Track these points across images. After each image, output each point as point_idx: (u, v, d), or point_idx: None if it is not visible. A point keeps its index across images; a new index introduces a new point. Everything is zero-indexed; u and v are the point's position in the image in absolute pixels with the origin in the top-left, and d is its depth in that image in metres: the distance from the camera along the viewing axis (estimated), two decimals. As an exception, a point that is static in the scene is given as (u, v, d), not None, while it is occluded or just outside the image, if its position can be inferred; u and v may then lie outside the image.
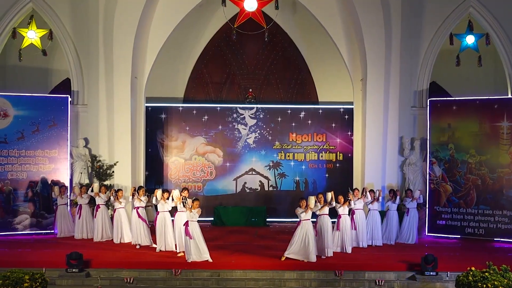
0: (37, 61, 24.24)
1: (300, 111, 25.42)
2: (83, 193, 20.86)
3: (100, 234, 20.40)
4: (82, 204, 20.83)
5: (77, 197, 20.98)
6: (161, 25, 23.03)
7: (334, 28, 22.97)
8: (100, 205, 20.54)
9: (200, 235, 17.12)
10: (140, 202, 19.50)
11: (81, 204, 20.84)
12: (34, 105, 21.66)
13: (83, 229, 20.77)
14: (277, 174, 25.36)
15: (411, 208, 20.63)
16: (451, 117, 21.67)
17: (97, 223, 20.41)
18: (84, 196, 20.82)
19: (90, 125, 22.67)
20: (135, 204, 19.61)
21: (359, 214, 19.65)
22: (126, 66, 22.13)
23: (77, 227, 20.79)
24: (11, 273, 14.22)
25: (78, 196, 20.90)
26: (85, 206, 20.86)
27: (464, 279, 14.22)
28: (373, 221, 20.12)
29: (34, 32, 22.65)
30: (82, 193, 20.87)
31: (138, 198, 19.48)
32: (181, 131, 25.39)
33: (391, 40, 22.09)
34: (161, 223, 18.58)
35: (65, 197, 21.31)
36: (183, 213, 18.08)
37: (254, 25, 22.23)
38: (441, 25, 22.58)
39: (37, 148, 21.66)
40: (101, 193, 20.61)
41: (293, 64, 26.59)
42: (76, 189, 21.24)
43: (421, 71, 22.75)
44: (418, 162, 22.30)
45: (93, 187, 20.67)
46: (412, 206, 20.65)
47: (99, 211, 20.43)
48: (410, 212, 20.59)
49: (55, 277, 16.32)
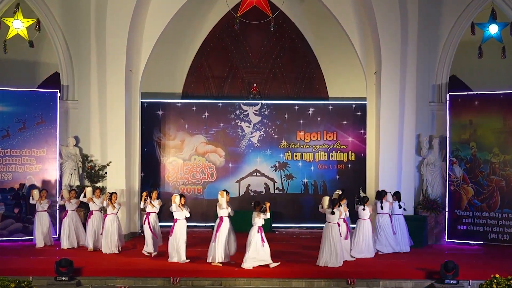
0: (24, 54, 24.23)
1: (309, 108, 25.46)
2: (72, 198, 20.56)
3: (93, 243, 19.90)
4: (69, 209, 20.50)
5: (65, 202, 20.62)
6: (157, 14, 23.01)
7: (345, 17, 22.93)
8: (94, 212, 20.14)
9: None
10: (153, 208, 19.22)
11: (68, 209, 20.51)
12: (20, 101, 21.67)
13: (70, 237, 20.33)
14: (283, 175, 25.39)
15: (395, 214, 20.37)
16: (472, 113, 21.65)
17: (90, 231, 19.95)
18: (73, 201, 20.53)
19: (81, 123, 22.69)
20: (146, 209, 19.31)
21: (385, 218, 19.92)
22: (120, 59, 22.09)
23: (63, 235, 20.38)
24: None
25: (66, 201, 20.55)
26: (72, 213, 20.56)
27: (487, 287, 14.18)
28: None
29: (20, 21, 22.65)
30: (71, 197, 20.58)
31: (151, 203, 19.17)
32: (180, 129, 25.46)
33: (408, 30, 22.04)
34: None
35: (44, 202, 20.75)
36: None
37: (259, 14, 22.38)
38: (462, 13, 22.52)
39: (23, 147, 21.66)
40: (95, 198, 20.23)
41: (301, 57, 26.60)
42: (65, 193, 20.81)
43: (440, 64, 22.73)
44: (437, 162, 22.30)
45: (85, 192, 20.26)
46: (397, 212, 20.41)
47: (92, 218, 20.04)
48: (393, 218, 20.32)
49: (43, 286, 16.29)
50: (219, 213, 17.80)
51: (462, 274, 16.52)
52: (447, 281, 16.31)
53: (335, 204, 18.21)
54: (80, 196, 20.42)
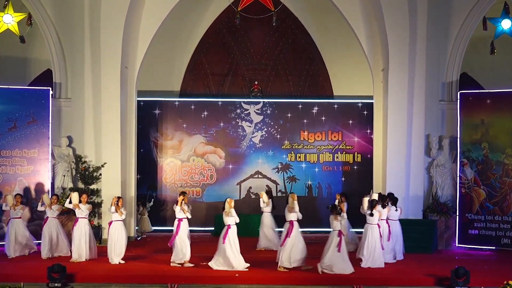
0: (14, 49, 24.26)
1: (313, 106, 25.44)
2: (53, 204, 19.61)
3: (77, 253, 18.87)
4: (50, 216, 19.48)
5: (46, 208, 19.55)
6: (154, 9, 23.02)
7: (351, 12, 22.93)
8: (80, 219, 19.08)
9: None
10: (186, 213, 18.62)
11: (48, 216, 19.50)
12: (10, 99, 21.62)
13: (51, 246, 19.40)
14: (286, 177, 25.38)
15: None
16: (484, 112, 21.60)
17: (75, 240, 18.92)
18: (54, 207, 19.53)
19: (74, 122, 22.67)
20: (177, 215, 18.53)
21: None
22: (115, 55, 22.13)
23: (43, 245, 19.36)
24: (-15, 287, 14.22)
25: (47, 207, 19.51)
26: (53, 220, 19.56)
27: (500, 294, 14.18)
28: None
29: (10, 16, 22.60)
30: (53, 203, 19.63)
31: (182, 208, 18.55)
32: (178, 129, 25.45)
33: (417, 25, 22.04)
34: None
35: (18, 208, 19.77)
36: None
37: (261, 8, 22.37)
38: (473, 8, 22.50)
39: (14, 148, 21.60)
40: (82, 204, 19.22)
41: (304, 53, 26.58)
42: (45, 198, 19.85)
43: (450, 60, 22.70)
44: (447, 163, 22.27)
45: (71, 198, 19.31)
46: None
47: (77, 226, 19.00)
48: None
49: (35, 292, 16.31)
50: (227, 221, 17.77)
51: (474, 280, 16.46)
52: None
53: (374, 205, 18.52)
54: (66, 202, 19.56)
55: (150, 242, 22.28)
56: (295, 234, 18.02)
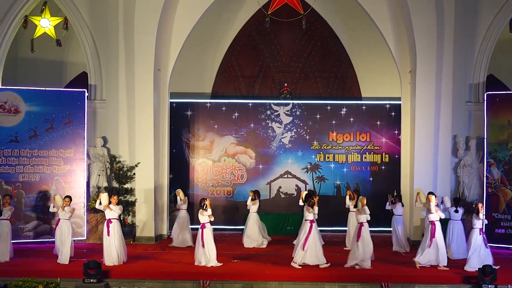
0: (51, 53, 24.57)
1: (341, 108, 25.41)
2: (66, 205, 18.90)
3: (111, 256, 18.27)
4: (62, 218, 18.80)
5: (58, 209, 18.94)
6: (186, 12, 23.15)
7: (379, 15, 22.90)
8: (112, 220, 18.55)
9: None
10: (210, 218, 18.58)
11: (60, 218, 18.88)
12: (47, 100, 21.85)
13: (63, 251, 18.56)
14: (315, 177, 25.37)
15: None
16: (511, 113, 21.49)
17: (108, 243, 18.36)
18: (67, 209, 18.80)
19: (109, 123, 22.84)
20: (201, 219, 18.42)
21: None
22: (148, 58, 22.31)
23: (57, 247, 18.79)
24: (24, 282, 14.47)
25: (60, 209, 18.84)
26: (65, 222, 18.80)
27: (527, 292, 14.15)
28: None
29: (47, 20, 22.93)
30: (66, 205, 18.91)
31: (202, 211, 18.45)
32: (209, 130, 25.53)
33: (444, 27, 21.95)
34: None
35: (6, 210, 19.13)
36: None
37: (290, 12, 22.45)
38: (500, 10, 22.41)
39: (51, 148, 21.85)
40: (112, 205, 18.72)
41: (333, 56, 26.57)
42: (57, 199, 19.13)
43: (477, 62, 22.59)
44: (474, 163, 22.18)
45: (100, 199, 18.85)
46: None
47: (110, 227, 18.44)
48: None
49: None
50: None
51: (501, 278, 16.49)
52: (485, 286, 16.26)
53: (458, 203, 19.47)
54: (96, 204, 19.33)
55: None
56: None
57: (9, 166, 21.38)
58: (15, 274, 16.60)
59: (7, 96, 21.42)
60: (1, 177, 21.30)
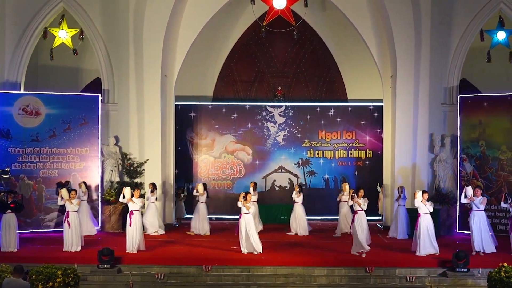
0: (68, 61, 24.53)
1: (329, 109, 25.39)
2: (73, 198, 18.46)
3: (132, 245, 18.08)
4: (70, 211, 18.34)
5: (65, 202, 18.44)
6: (190, 23, 23.14)
7: (363, 25, 22.89)
8: (134, 212, 18.31)
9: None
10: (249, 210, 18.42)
11: (69, 211, 18.36)
12: (65, 104, 21.88)
13: (72, 240, 18.25)
14: (306, 171, 25.36)
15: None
16: (482, 113, 21.54)
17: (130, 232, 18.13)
18: (74, 201, 18.37)
19: (120, 123, 22.84)
20: (243, 210, 18.36)
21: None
22: (156, 65, 22.32)
23: (66, 237, 18.31)
24: (44, 268, 14.41)
25: (67, 202, 18.36)
26: (74, 214, 18.42)
27: (496, 275, 14.15)
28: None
29: (65, 31, 22.86)
30: (72, 198, 18.47)
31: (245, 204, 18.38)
32: (211, 129, 25.50)
33: (421, 37, 21.97)
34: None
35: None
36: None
37: (283, 23, 22.35)
38: (472, 21, 22.40)
39: (68, 146, 21.86)
40: (135, 198, 18.58)
41: (322, 62, 26.53)
42: (64, 192, 18.58)
43: (451, 68, 22.59)
44: (449, 159, 22.18)
45: (124, 193, 18.73)
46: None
47: (133, 219, 18.20)
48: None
49: (87, 273, 16.50)
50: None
51: (473, 262, 16.54)
52: (459, 269, 16.30)
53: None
54: (120, 197, 19.02)
55: (188, 228, 22.03)
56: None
57: (31, 163, 21.37)
58: (36, 260, 16.57)
59: (28, 100, 21.41)
60: (24, 173, 21.27)
